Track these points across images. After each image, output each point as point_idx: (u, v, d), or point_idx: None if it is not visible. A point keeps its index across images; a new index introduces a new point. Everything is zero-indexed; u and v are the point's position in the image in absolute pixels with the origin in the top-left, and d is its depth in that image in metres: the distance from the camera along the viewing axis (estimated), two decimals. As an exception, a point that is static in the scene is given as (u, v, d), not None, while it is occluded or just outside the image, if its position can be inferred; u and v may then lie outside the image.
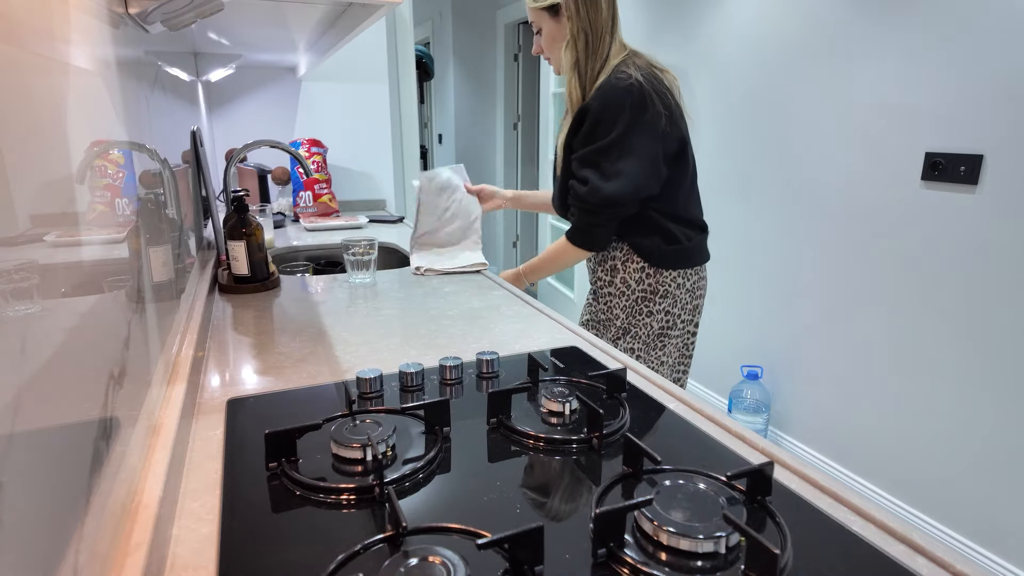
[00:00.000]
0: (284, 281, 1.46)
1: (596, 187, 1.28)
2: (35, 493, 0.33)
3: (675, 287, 1.38)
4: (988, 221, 1.67)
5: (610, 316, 1.43)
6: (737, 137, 2.47)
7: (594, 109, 1.27)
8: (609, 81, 1.27)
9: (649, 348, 1.41)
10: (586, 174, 1.30)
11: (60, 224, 0.43)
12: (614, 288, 1.41)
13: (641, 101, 1.25)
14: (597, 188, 1.28)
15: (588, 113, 1.28)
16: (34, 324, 0.37)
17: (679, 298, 1.39)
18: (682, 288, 1.39)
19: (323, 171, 2.40)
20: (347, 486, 0.60)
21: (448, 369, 0.87)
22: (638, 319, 1.39)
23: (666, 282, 1.37)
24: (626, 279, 1.39)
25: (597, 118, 1.27)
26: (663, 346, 1.42)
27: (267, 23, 1.30)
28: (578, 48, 1.29)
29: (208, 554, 0.53)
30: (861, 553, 0.52)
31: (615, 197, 1.27)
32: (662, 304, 1.38)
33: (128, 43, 0.77)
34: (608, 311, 1.43)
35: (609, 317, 1.43)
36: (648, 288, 1.38)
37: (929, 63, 1.77)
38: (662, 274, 1.37)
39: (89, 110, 0.54)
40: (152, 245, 0.76)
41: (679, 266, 1.38)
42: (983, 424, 1.73)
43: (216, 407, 0.80)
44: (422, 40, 5.25)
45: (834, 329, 2.15)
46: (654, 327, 1.40)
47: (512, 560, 0.49)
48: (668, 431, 0.74)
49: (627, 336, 1.41)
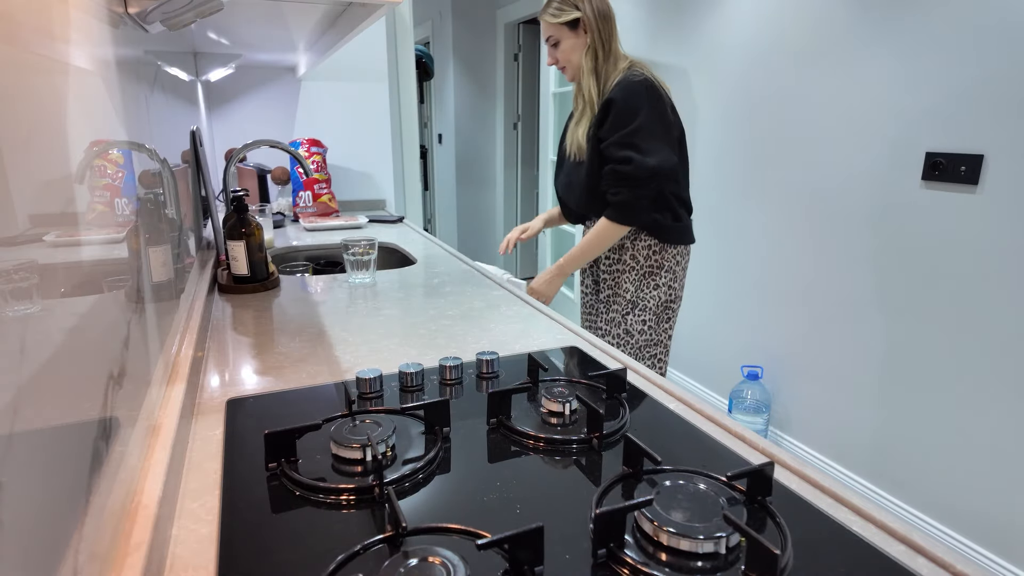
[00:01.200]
0: (284, 281, 1.46)
1: (641, 162, 1.41)
2: (35, 493, 0.33)
3: (674, 263, 1.55)
4: (988, 221, 1.67)
5: (617, 291, 1.56)
6: (737, 137, 2.47)
7: (618, 100, 1.44)
8: (627, 77, 1.45)
9: (659, 320, 1.56)
10: (627, 154, 1.43)
11: (60, 224, 0.43)
12: (622, 264, 1.56)
13: (655, 92, 1.45)
14: (642, 163, 1.41)
15: (613, 104, 1.44)
16: (34, 324, 0.37)
17: (677, 274, 1.57)
18: (679, 265, 1.57)
19: (323, 171, 2.40)
20: (347, 486, 0.60)
21: (448, 369, 0.87)
22: (646, 291, 1.54)
23: (669, 258, 1.55)
24: (635, 255, 1.54)
25: (623, 107, 1.43)
26: (668, 319, 1.57)
27: (267, 23, 1.30)
28: (597, 56, 1.49)
29: (208, 554, 0.53)
30: (861, 553, 0.52)
31: (659, 168, 1.42)
32: (666, 278, 1.55)
33: (128, 43, 0.77)
34: (615, 285, 1.57)
35: (617, 292, 1.56)
36: (655, 263, 1.54)
37: (929, 63, 1.77)
38: (667, 250, 1.54)
39: (89, 110, 0.54)
40: (151, 245, 0.76)
41: (681, 242, 1.55)
42: (983, 424, 1.73)
43: (216, 407, 0.80)
44: (422, 40, 5.25)
45: (834, 329, 2.15)
46: (660, 299, 1.55)
47: (512, 560, 0.49)
48: (668, 431, 0.74)
49: (636, 309, 1.54)
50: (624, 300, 1.56)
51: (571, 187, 1.62)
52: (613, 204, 1.48)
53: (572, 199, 1.63)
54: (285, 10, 1.11)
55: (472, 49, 4.76)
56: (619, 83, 1.45)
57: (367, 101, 2.66)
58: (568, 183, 1.64)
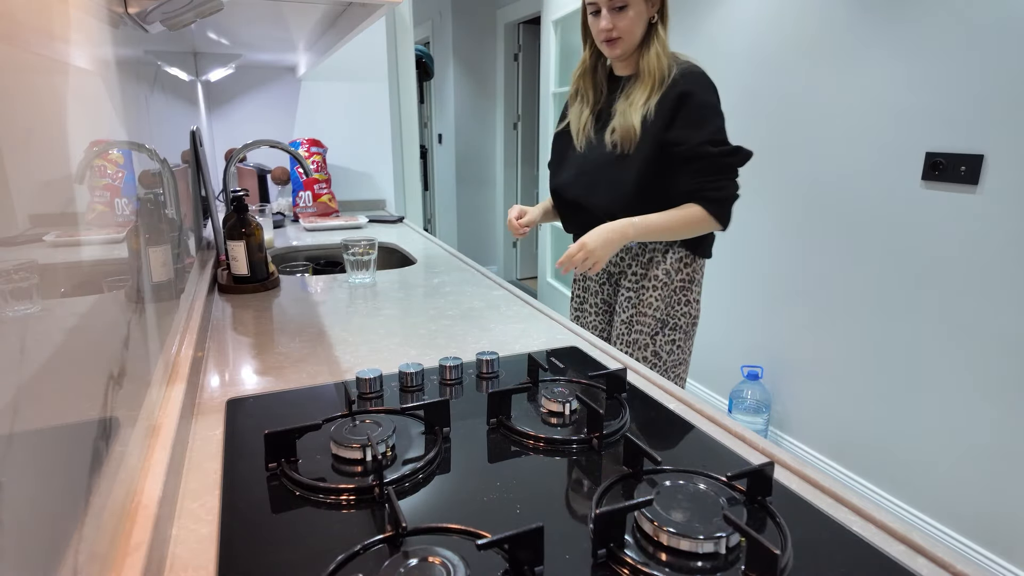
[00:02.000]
0: (284, 281, 1.46)
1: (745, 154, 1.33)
2: (35, 493, 0.33)
3: (701, 276, 1.43)
4: (988, 221, 1.67)
5: (643, 310, 1.41)
6: (736, 137, 2.46)
7: (697, 94, 1.29)
8: (691, 69, 1.31)
9: (687, 337, 1.43)
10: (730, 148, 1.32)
11: (59, 224, 0.43)
12: (649, 281, 1.40)
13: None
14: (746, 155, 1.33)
15: (691, 98, 1.29)
16: (34, 324, 0.37)
17: (703, 287, 1.45)
18: (703, 276, 1.45)
19: (323, 171, 2.40)
20: (347, 486, 0.60)
21: (448, 369, 0.87)
22: (678, 309, 1.40)
23: (698, 271, 1.42)
24: (667, 270, 1.39)
25: (704, 100, 1.30)
26: (694, 335, 1.45)
27: (267, 23, 1.30)
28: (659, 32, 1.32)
29: (208, 554, 0.53)
30: (861, 553, 0.52)
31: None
32: (694, 292, 1.41)
33: (128, 43, 0.77)
34: (640, 304, 1.41)
35: (641, 311, 1.41)
36: (686, 277, 1.40)
37: (929, 63, 1.77)
38: (696, 263, 1.41)
39: (89, 110, 0.54)
40: (151, 245, 0.76)
41: (708, 255, 1.43)
42: (983, 424, 1.73)
43: (216, 407, 0.80)
44: (422, 40, 5.25)
45: (834, 329, 2.15)
46: (691, 315, 1.42)
47: (512, 560, 0.49)
48: (668, 431, 0.74)
49: (666, 328, 1.40)
50: (652, 320, 1.39)
51: (600, 186, 1.38)
52: (718, 200, 1.31)
53: (603, 200, 1.38)
54: (285, 10, 1.11)
55: (472, 49, 4.76)
56: (690, 73, 1.30)
57: (367, 101, 2.66)
58: (593, 182, 1.39)
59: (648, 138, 1.30)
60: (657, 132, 1.29)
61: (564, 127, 1.50)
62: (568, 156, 1.46)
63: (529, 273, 5.04)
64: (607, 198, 1.37)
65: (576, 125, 1.43)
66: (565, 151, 1.48)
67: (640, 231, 1.32)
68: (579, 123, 1.43)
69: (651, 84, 1.30)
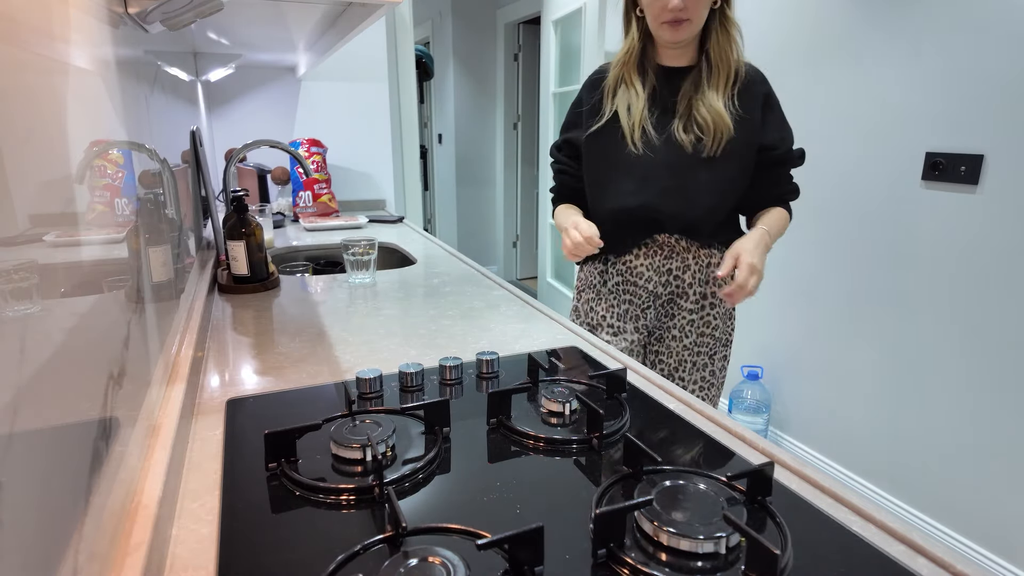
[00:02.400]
0: (284, 281, 1.46)
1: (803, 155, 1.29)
2: (35, 493, 0.33)
3: None
4: (988, 221, 1.67)
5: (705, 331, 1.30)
6: (737, 137, 2.47)
7: (774, 94, 1.23)
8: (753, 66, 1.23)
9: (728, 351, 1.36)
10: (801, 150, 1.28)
11: (59, 224, 0.43)
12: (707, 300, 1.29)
13: None
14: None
15: (773, 99, 1.23)
16: (34, 324, 0.37)
17: None
18: None
19: (323, 171, 2.40)
20: (347, 486, 0.60)
21: (448, 369, 0.87)
22: (728, 324, 1.33)
23: None
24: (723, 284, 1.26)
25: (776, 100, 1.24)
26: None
27: (267, 23, 1.30)
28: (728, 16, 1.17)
29: (208, 554, 0.53)
30: (861, 553, 0.52)
31: None
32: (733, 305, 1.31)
33: (128, 43, 0.77)
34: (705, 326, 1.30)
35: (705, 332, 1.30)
36: None
37: (929, 63, 1.77)
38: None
39: (89, 110, 0.54)
40: (151, 245, 0.76)
41: None
42: (983, 424, 1.73)
43: (216, 407, 0.80)
44: (422, 40, 5.25)
45: (834, 329, 2.15)
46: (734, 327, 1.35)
47: (512, 560, 0.49)
48: (668, 431, 0.74)
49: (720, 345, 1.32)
50: (712, 340, 1.29)
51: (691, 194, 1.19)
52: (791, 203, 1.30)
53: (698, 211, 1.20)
54: (285, 10, 1.11)
55: (472, 49, 4.76)
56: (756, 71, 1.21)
57: (367, 101, 2.66)
58: (679, 186, 1.19)
59: (742, 138, 1.17)
60: (750, 133, 1.18)
61: (603, 124, 1.22)
62: (621, 160, 1.22)
63: (529, 273, 5.04)
64: (703, 208, 1.19)
65: (629, 121, 1.19)
66: (612, 155, 1.23)
67: (772, 239, 1.20)
68: (633, 119, 1.19)
69: (725, 77, 1.17)
